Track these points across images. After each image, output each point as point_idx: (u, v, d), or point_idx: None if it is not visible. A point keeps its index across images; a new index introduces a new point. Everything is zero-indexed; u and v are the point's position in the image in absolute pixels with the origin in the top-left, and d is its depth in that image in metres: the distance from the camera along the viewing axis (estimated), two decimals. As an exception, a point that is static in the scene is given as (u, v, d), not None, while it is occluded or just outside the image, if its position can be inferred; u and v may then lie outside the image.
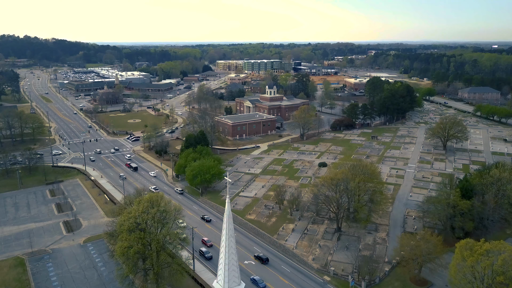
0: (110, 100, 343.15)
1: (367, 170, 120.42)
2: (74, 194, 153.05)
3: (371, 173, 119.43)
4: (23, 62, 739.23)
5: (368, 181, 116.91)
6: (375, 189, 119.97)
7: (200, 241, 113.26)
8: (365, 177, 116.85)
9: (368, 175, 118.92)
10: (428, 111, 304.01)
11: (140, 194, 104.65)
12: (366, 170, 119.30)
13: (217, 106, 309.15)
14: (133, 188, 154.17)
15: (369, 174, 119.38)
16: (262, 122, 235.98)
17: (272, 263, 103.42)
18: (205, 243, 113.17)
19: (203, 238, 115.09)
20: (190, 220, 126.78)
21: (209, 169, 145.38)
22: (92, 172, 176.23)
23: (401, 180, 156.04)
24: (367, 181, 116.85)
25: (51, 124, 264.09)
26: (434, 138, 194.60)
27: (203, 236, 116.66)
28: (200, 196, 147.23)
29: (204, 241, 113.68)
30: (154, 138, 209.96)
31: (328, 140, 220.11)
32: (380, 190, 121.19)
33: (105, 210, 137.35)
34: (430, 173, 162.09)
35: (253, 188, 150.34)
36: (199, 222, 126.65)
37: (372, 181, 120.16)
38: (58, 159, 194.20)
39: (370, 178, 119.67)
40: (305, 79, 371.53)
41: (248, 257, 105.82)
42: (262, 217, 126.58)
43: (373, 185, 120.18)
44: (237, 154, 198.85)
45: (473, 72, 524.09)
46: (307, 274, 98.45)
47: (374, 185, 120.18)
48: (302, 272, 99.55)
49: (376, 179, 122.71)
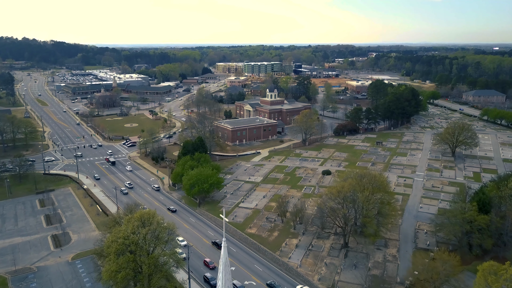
0: (107, 104, 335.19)
1: (376, 180, 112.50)
2: (65, 205, 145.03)
3: (379, 184, 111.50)
4: (21, 64, 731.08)
5: (376, 192, 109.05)
6: (383, 200, 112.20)
7: (202, 262, 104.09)
8: (373, 188, 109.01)
9: (377, 186, 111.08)
10: (433, 115, 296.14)
11: (131, 211, 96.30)
12: (374, 180, 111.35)
13: (216, 109, 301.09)
14: (127, 198, 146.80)
15: (378, 185, 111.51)
16: (263, 126, 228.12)
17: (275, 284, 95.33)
18: (207, 265, 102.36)
19: (205, 259, 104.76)
20: (187, 235, 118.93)
21: (207, 178, 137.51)
22: (85, 180, 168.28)
23: (409, 189, 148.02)
24: (376, 193, 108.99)
25: (45, 129, 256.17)
26: (442, 145, 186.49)
27: (205, 255, 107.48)
28: (197, 207, 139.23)
29: (207, 263, 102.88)
30: (150, 143, 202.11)
31: (331, 145, 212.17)
32: (389, 202, 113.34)
33: (96, 223, 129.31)
34: (440, 182, 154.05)
35: (253, 198, 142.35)
36: (198, 239, 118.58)
37: (380, 192, 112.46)
38: (50, 166, 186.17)
39: (378, 189, 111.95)
40: (306, 82, 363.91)
41: (249, 277, 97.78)
42: (263, 231, 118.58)
43: (381, 196, 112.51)
44: (236, 160, 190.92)
45: (476, 75, 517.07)
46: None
47: (382, 195, 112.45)
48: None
49: (385, 190, 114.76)
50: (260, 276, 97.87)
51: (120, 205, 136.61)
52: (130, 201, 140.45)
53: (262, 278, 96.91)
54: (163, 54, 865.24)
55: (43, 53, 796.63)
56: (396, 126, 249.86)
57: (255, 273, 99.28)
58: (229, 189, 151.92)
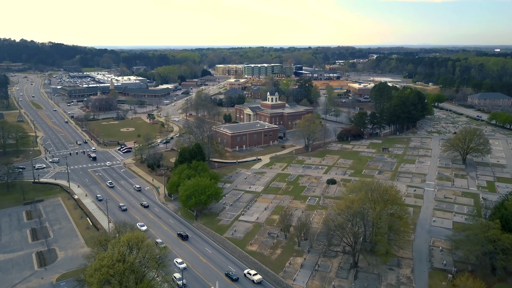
0: (103, 107, 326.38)
1: (387, 194, 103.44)
2: (53, 217, 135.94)
3: (392, 198, 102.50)
4: (18, 66, 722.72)
5: (388, 206, 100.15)
6: (395, 214, 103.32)
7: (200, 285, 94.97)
8: (385, 203, 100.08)
9: (389, 201, 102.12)
10: (439, 118, 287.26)
11: (119, 232, 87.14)
12: (385, 194, 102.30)
13: (215, 113, 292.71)
14: (119, 210, 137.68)
15: (390, 199, 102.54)
16: (264, 132, 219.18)
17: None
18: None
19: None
20: (183, 252, 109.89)
21: (204, 189, 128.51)
22: (77, 190, 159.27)
23: (420, 200, 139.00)
24: (387, 207, 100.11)
25: (37, 134, 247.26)
26: (452, 151, 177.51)
27: (205, 278, 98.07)
28: (194, 220, 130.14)
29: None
30: (146, 149, 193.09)
31: (335, 152, 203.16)
32: (401, 216, 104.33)
33: (85, 238, 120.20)
34: (453, 192, 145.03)
35: (254, 211, 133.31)
36: (196, 258, 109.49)
37: (393, 205, 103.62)
38: (41, 174, 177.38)
39: (390, 202, 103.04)
40: (308, 84, 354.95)
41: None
42: (265, 248, 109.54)
43: (393, 210, 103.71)
44: (236, 168, 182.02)
45: (479, 77, 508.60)
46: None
47: (394, 210, 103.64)
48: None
49: (398, 204, 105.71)
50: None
51: (115, 221, 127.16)
52: (127, 217, 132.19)
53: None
54: (162, 56, 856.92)
55: (41, 55, 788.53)
56: (402, 131, 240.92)
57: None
58: (228, 200, 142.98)
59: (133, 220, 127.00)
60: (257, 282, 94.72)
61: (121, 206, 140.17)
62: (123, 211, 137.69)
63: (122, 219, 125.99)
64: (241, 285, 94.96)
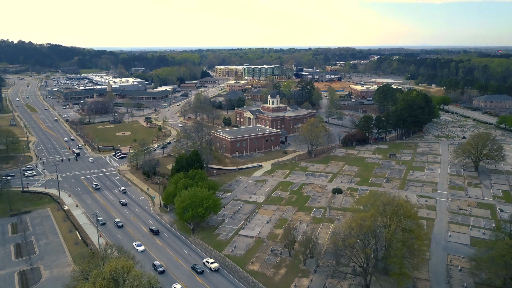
0: (99, 110, 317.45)
1: (401, 208, 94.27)
2: (40, 230, 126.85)
3: (407, 214, 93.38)
4: (15, 68, 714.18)
5: (403, 223, 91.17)
6: (410, 230, 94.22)
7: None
8: (399, 219, 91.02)
9: (403, 217, 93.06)
10: (445, 122, 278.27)
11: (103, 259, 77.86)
12: (400, 209, 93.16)
13: (214, 116, 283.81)
14: (114, 226, 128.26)
15: (405, 215, 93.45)
16: (265, 136, 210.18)
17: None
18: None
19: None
20: (179, 272, 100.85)
21: (202, 200, 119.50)
22: (67, 200, 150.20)
23: (433, 212, 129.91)
24: (402, 224, 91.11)
25: (30, 138, 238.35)
26: (464, 158, 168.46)
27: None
28: (191, 234, 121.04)
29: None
30: (142, 155, 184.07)
31: (340, 158, 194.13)
32: (417, 233, 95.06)
33: (73, 255, 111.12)
34: (467, 203, 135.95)
35: (255, 224, 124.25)
36: (190, 278, 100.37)
37: (406, 221, 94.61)
38: (31, 182, 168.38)
39: (404, 217, 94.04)
40: (310, 86, 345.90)
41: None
42: (267, 267, 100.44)
43: (409, 226, 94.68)
44: (236, 175, 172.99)
45: (483, 78, 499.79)
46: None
47: (410, 227, 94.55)
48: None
49: (413, 219, 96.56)
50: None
51: (110, 239, 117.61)
52: (122, 235, 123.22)
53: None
54: (162, 57, 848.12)
55: (38, 56, 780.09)
56: (408, 135, 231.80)
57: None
58: (228, 211, 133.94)
59: (129, 238, 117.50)
60: (214, 269, 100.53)
61: (117, 222, 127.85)
62: (119, 227, 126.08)
63: (116, 237, 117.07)
64: (205, 278, 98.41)
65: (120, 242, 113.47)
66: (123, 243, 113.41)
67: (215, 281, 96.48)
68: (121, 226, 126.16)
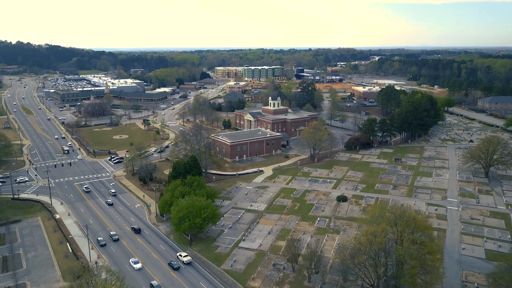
0: (96, 112, 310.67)
1: (414, 221, 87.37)
2: (29, 242, 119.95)
3: (420, 228, 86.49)
4: (13, 69, 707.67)
5: (416, 238, 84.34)
6: (423, 245, 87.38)
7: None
8: (412, 233, 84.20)
9: (417, 231, 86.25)
10: (450, 124, 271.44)
11: (88, 283, 70.87)
12: (413, 223, 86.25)
13: (214, 118, 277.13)
14: (109, 240, 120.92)
15: (418, 228, 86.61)
16: (266, 140, 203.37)
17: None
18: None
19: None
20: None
21: (200, 210, 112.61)
22: (59, 208, 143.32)
23: (444, 222, 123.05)
24: (416, 239, 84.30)
25: (24, 142, 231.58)
26: (474, 163, 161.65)
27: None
28: (188, 246, 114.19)
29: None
30: (139, 160, 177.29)
31: (344, 162, 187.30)
32: (430, 248, 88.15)
33: (62, 269, 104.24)
34: (479, 212, 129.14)
35: (257, 235, 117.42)
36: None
37: (418, 235, 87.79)
38: (22, 188, 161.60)
39: (417, 229, 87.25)
40: (311, 87, 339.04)
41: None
42: (270, 283, 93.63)
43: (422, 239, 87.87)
44: (236, 181, 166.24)
45: (486, 79, 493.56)
46: None
47: (422, 241, 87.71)
48: None
49: (426, 234, 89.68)
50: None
51: (105, 254, 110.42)
52: (118, 250, 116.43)
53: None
54: (161, 58, 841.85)
55: (36, 57, 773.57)
56: (414, 139, 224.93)
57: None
58: (227, 221, 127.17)
59: (125, 254, 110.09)
60: (186, 262, 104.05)
61: (113, 235, 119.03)
62: (115, 241, 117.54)
63: (111, 251, 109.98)
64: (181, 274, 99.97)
65: (115, 258, 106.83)
66: (118, 259, 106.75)
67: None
68: (117, 240, 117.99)
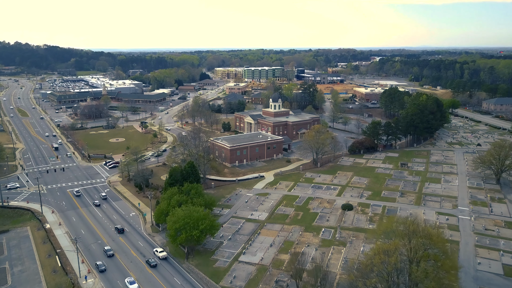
0: (93, 114, 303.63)
1: (429, 237, 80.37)
2: (16, 254, 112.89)
3: (436, 245, 79.48)
4: (11, 70, 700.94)
5: (437, 259, 77.39)
6: (439, 262, 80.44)
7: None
8: (430, 252, 77.28)
9: (432, 247, 79.30)
10: (456, 127, 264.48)
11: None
12: (429, 240, 79.25)
13: (213, 121, 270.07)
14: (104, 255, 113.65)
15: (433, 245, 79.64)
16: (267, 144, 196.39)
17: None
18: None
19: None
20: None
21: (197, 221, 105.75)
22: (50, 217, 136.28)
23: (456, 233, 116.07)
24: (435, 259, 77.37)
25: (17, 146, 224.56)
26: (485, 169, 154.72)
27: None
28: (185, 259, 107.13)
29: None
30: (134, 165, 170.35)
31: (348, 167, 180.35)
32: (445, 262, 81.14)
33: (50, 286, 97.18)
34: (493, 222, 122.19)
35: (258, 247, 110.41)
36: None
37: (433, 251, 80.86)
38: (13, 195, 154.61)
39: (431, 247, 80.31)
40: (312, 89, 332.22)
41: None
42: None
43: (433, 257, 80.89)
44: (236, 187, 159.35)
45: (489, 80, 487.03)
46: None
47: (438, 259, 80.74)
48: None
49: (440, 249, 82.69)
50: None
51: (97, 271, 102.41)
52: (112, 266, 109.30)
53: None
54: (160, 59, 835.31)
55: (34, 58, 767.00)
56: (419, 142, 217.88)
57: None
58: (227, 231, 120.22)
59: (120, 272, 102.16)
60: (162, 258, 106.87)
61: (107, 251, 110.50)
62: (109, 257, 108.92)
63: (104, 269, 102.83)
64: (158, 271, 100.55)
65: (110, 277, 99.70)
66: (113, 278, 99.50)
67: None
68: (111, 255, 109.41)
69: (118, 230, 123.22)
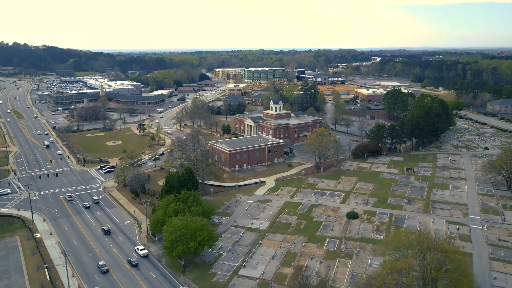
0: (89, 116, 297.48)
1: (444, 252, 74.30)
2: (3, 267, 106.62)
3: (453, 261, 73.37)
4: (9, 71, 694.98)
5: (451, 276, 71.28)
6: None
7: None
8: (448, 270, 71.20)
9: (447, 264, 73.24)
10: (461, 129, 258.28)
11: None
12: (444, 256, 73.21)
13: (213, 123, 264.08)
14: (97, 272, 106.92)
15: (449, 263, 73.57)
16: (268, 148, 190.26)
17: None
18: None
19: None
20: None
21: (194, 233, 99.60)
22: (41, 225, 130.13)
23: (468, 244, 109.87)
24: (450, 277, 71.25)
25: (11, 149, 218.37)
26: (496, 175, 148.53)
27: None
28: (182, 273, 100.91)
29: None
30: (131, 170, 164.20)
31: (352, 172, 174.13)
32: (462, 282, 75.05)
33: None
34: (507, 232, 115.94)
35: (259, 260, 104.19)
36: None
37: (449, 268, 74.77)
38: (3, 202, 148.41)
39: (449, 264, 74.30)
40: (314, 90, 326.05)
41: None
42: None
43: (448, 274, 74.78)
44: (235, 193, 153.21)
45: (492, 81, 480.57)
46: None
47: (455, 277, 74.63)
48: None
49: (456, 265, 76.56)
50: None
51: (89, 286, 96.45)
52: (106, 284, 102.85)
53: None
54: (160, 59, 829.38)
55: (33, 59, 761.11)
56: (424, 146, 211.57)
57: None
58: (226, 242, 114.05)
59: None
60: (143, 255, 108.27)
61: (101, 266, 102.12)
62: (103, 273, 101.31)
63: (96, 284, 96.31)
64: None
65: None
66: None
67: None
68: (106, 272, 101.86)
69: (104, 232, 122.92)
